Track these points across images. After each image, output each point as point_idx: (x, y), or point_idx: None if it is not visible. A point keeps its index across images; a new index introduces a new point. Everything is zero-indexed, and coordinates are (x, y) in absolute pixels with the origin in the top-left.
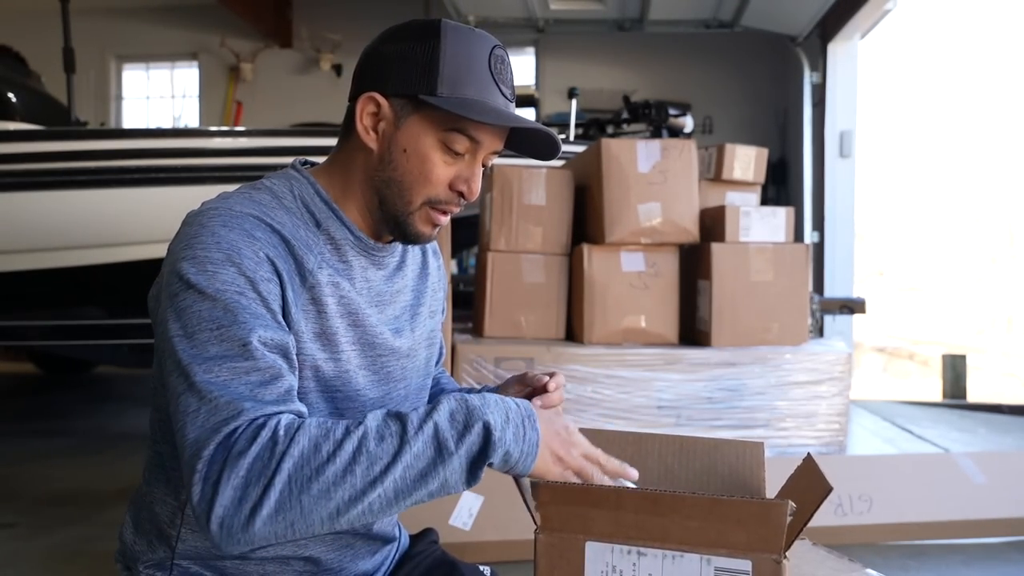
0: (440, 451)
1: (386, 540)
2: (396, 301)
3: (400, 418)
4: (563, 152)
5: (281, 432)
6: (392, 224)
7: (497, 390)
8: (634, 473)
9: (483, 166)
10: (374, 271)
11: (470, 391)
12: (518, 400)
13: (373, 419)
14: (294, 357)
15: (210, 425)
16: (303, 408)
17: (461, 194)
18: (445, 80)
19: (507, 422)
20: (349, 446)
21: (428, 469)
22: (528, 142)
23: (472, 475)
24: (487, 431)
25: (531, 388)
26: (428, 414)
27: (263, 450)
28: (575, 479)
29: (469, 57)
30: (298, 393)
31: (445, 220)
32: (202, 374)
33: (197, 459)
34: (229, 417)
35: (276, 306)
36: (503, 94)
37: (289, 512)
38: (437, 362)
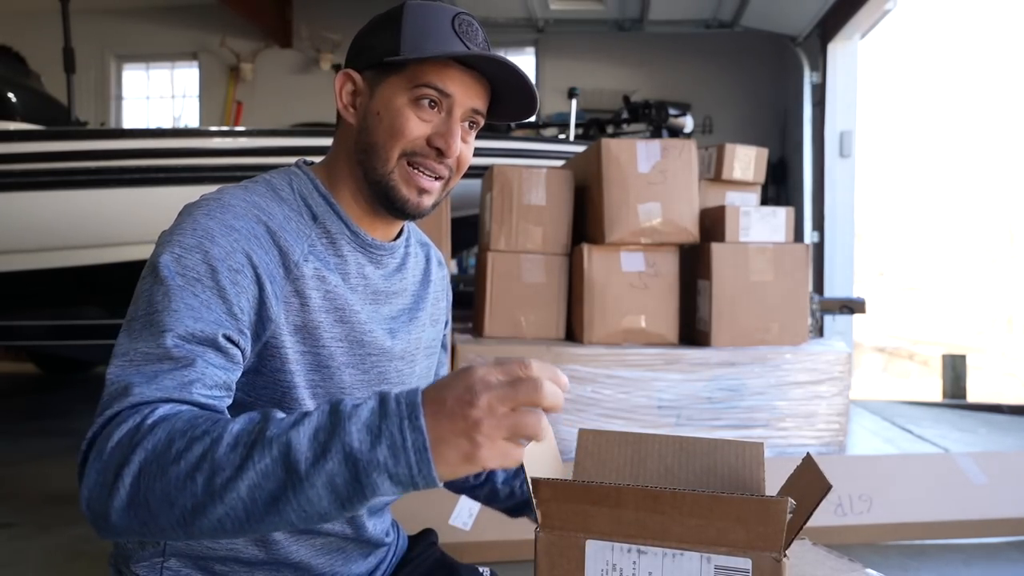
0: (288, 474)
1: (380, 543)
2: (393, 301)
3: (266, 423)
4: (563, 152)
5: (149, 420)
6: (378, 193)
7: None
8: (563, 379)
9: (470, 128)
10: (371, 268)
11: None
12: (405, 393)
13: (244, 421)
14: (234, 350)
15: (102, 404)
16: (212, 401)
17: (439, 151)
18: (406, 41)
19: (377, 439)
20: (198, 448)
21: (279, 494)
22: (506, 102)
23: (346, 504)
24: (350, 459)
25: None
26: (291, 426)
27: (124, 436)
28: (512, 455)
29: (432, 20)
30: (285, 387)
31: (431, 185)
32: (119, 354)
33: (84, 438)
34: (116, 399)
35: (237, 298)
36: (469, 48)
37: (139, 508)
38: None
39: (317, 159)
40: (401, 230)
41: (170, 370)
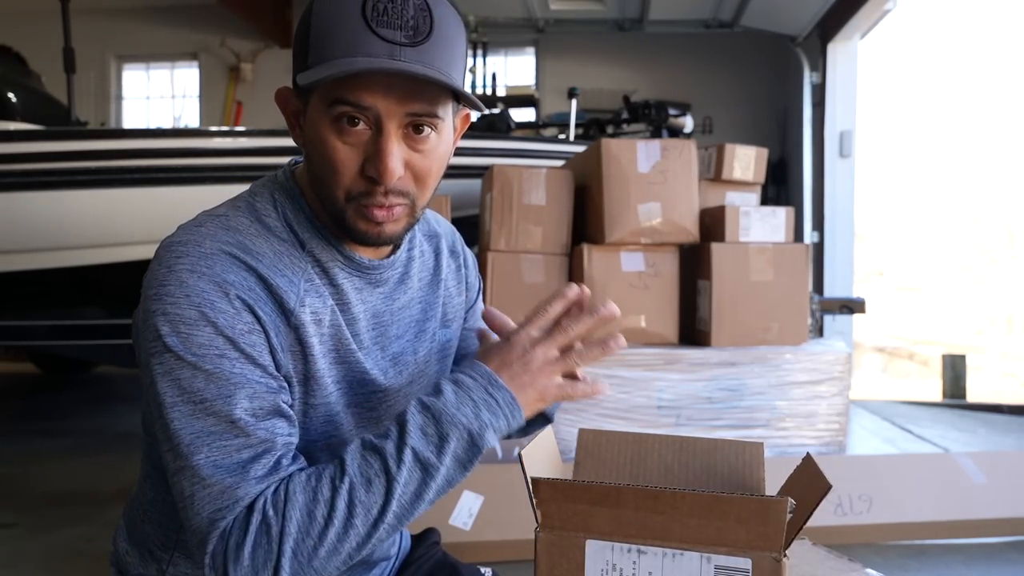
0: (426, 470)
1: (385, 556)
2: (399, 319)
3: (377, 451)
4: (563, 152)
5: (271, 511)
6: (339, 228)
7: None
8: (608, 309)
9: (419, 132)
10: (371, 291)
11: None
12: (470, 369)
13: (352, 461)
14: (290, 409)
15: (206, 515)
16: (297, 465)
17: (375, 180)
18: (312, 49)
19: (476, 407)
20: (341, 503)
21: (420, 489)
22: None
23: (468, 466)
24: (464, 432)
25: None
26: (401, 440)
27: (259, 536)
28: (567, 388)
29: (337, 10)
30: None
31: (386, 215)
32: (192, 454)
33: (203, 553)
34: (222, 507)
35: (264, 357)
36: (385, 39)
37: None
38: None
39: None
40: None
41: (255, 457)
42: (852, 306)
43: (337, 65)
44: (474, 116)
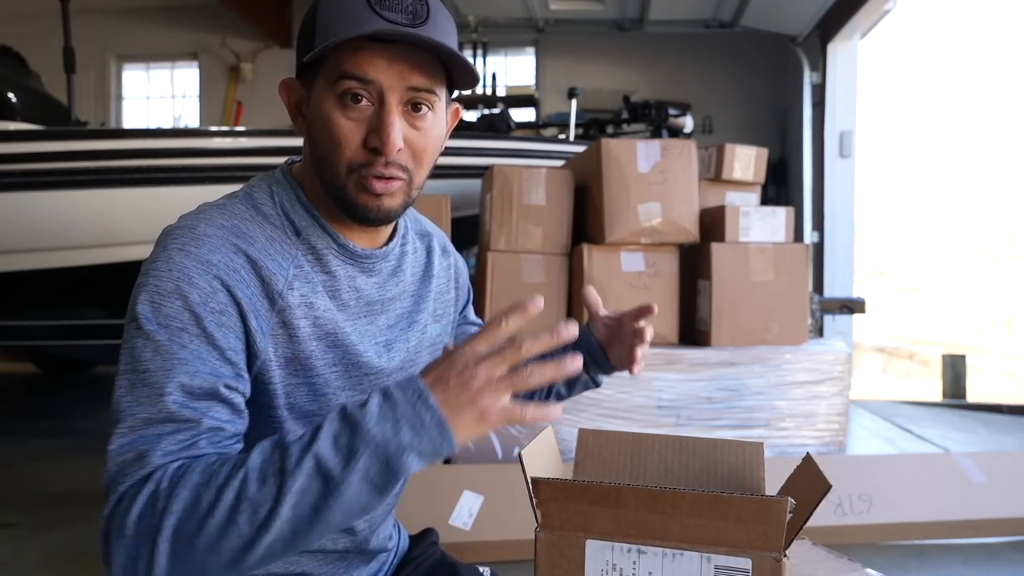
0: (327, 483)
1: (383, 549)
2: (390, 309)
3: (284, 449)
4: (563, 152)
5: (164, 485)
6: (340, 206)
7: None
8: (570, 331)
9: (418, 109)
10: (364, 279)
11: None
12: (404, 383)
13: (259, 454)
14: (237, 397)
15: (111, 476)
16: (214, 448)
17: (377, 150)
18: (318, 32)
19: (396, 425)
20: (229, 494)
21: (320, 503)
22: (455, 70)
23: (383, 491)
24: (379, 451)
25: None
26: (309, 443)
27: (145, 507)
28: (514, 412)
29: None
30: (278, 422)
31: (385, 187)
32: (120, 420)
33: (102, 517)
34: (127, 472)
35: (227, 340)
36: (387, 19)
37: (183, 566)
38: None
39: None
40: (394, 231)
41: (173, 432)
42: (852, 306)
43: (345, 35)
44: (469, 116)
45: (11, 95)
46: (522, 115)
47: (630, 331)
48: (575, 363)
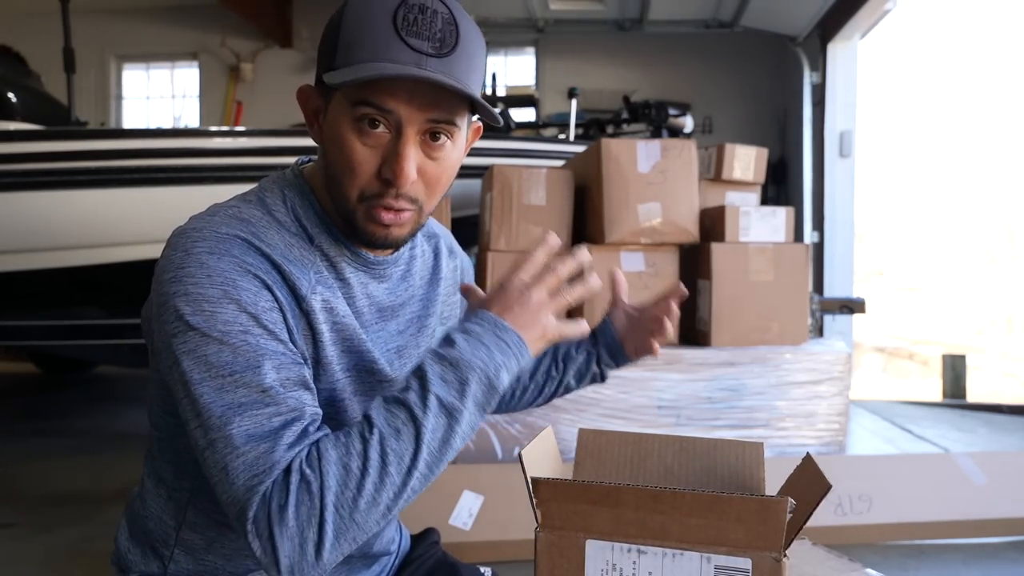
0: (451, 415)
1: (385, 552)
2: (401, 314)
3: (401, 403)
4: (563, 152)
5: (308, 470)
6: (348, 226)
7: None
8: (584, 255)
9: (436, 139)
10: (375, 285)
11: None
12: (477, 317)
13: (378, 415)
14: (311, 381)
15: (242, 482)
16: (322, 432)
17: (389, 182)
18: (340, 50)
19: (489, 351)
20: (374, 454)
21: (447, 434)
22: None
23: (486, 408)
24: (482, 375)
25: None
26: (424, 389)
27: (300, 494)
28: (564, 326)
29: (368, 16)
30: None
31: (394, 219)
32: (225, 425)
33: (244, 521)
34: (259, 472)
35: (284, 334)
36: (412, 47)
37: (348, 532)
38: None
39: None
40: None
41: (286, 424)
42: (852, 306)
43: (365, 68)
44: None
45: (11, 95)
46: (522, 115)
47: (652, 316)
48: (595, 282)
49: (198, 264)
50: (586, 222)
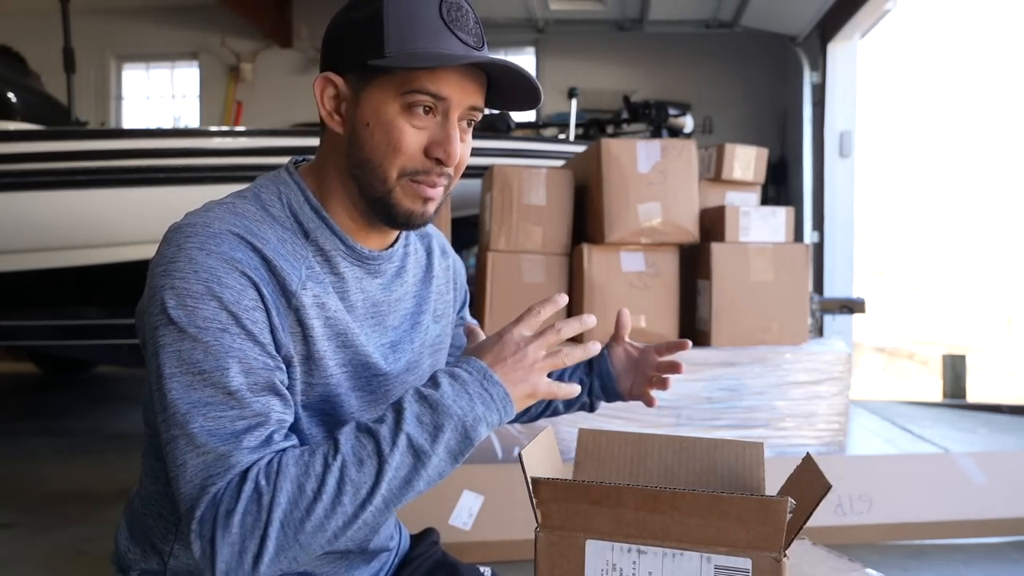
0: (418, 457)
1: (384, 548)
2: (395, 311)
3: (371, 433)
4: (563, 152)
5: (263, 481)
6: (379, 210)
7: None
8: (590, 320)
9: (468, 124)
10: (370, 280)
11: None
12: (465, 364)
13: (346, 441)
14: (285, 389)
15: (198, 481)
16: (289, 442)
17: (439, 160)
18: (391, 39)
19: (471, 400)
20: (332, 479)
21: (411, 475)
22: (509, 93)
23: (458, 458)
24: (459, 424)
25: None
26: (397, 425)
27: (249, 503)
28: (554, 386)
29: (415, 9)
30: (294, 418)
31: (435, 193)
32: (188, 422)
33: (191, 519)
34: (214, 473)
35: (264, 335)
36: (462, 40)
37: (289, 551)
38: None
39: (312, 156)
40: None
41: (249, 428)
42: (852, 306)
43: (439, 58)
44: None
45: (11, 95)
46: (522, 115)
47: (654, 364)
48: (594, 348)
49: (187, 259)
50: (586, 222)
